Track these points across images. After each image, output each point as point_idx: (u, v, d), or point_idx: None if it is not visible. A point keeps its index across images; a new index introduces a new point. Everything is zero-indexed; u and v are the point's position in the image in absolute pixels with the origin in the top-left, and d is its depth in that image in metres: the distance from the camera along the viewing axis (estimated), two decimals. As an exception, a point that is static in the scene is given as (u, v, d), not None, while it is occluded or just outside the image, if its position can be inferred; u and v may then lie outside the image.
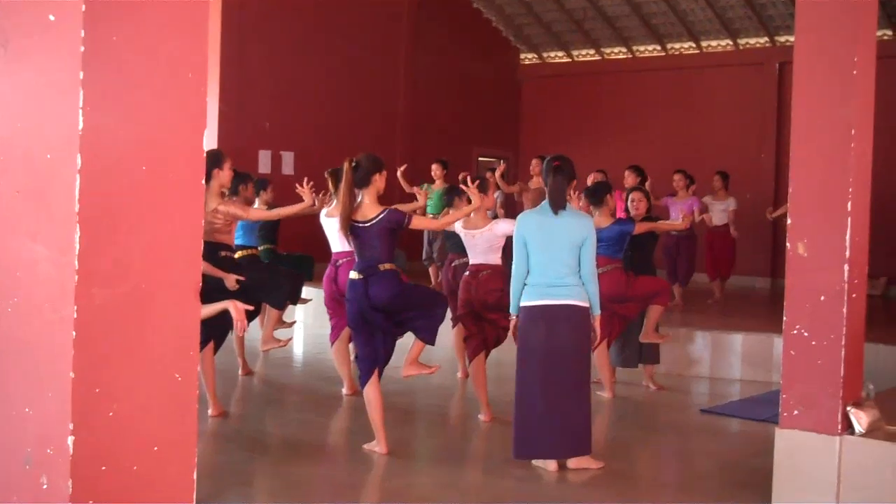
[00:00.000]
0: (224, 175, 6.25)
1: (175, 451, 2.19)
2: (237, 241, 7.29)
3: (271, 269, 7.35)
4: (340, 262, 6.86)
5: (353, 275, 5.47)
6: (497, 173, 10.54)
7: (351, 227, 5.39)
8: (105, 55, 2.05)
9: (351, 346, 6.98)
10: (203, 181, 2.30)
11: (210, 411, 6.47)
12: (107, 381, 2.05)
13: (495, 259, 6.45)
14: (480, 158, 16.18)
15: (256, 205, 8.15)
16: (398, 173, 10.28)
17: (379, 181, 5.46)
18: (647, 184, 10.22)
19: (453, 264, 7.68)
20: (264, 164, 12.60)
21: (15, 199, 2.16)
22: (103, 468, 2.04)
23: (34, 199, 2.12)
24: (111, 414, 2.06)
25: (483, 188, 6.40)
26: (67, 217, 2.01)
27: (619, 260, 7.16)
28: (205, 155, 2.33)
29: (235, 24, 12.36)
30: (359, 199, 5.42)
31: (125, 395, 2.09)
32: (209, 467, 5.28)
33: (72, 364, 1.98)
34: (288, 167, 12.85)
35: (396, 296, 5.41)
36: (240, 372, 8.04)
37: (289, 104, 13.01)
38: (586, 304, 5.27)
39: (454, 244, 7.58)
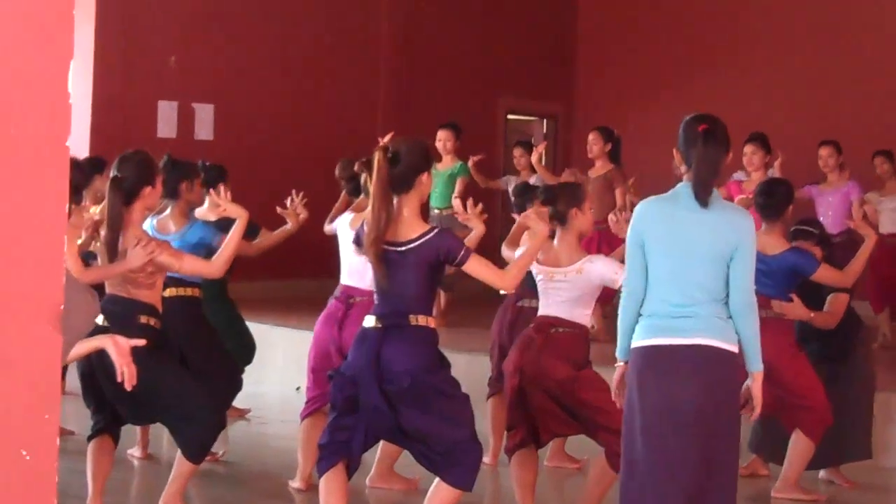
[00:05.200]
0: (155, 196, 6.58)
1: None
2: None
3: (208, 350, 7.61)
4: (356, 300, 7.09)
5: (369, 321, 5.77)
6: (534, 156, 10.81)
7: (382, 253, 5.67)
8: None
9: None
10: (68, 168, 2.34)
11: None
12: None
13: (581, 315, 6.52)
14: (510, 116, 16.14)
15: (206, 205, 8.31)
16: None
17: (426, 183, 5.81)
18: (777, 163, 10.26)
19: (519, 304, 7.79)
20: (166, 122, 12.71)
21: None
22: None
23: None
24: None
25: (575, 197, 6.53)
26: None
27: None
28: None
29: None
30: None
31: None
32: None
33: None
34: (204, 129, 13.00)
35: (423, 373, 5.62)
36: (136, 454, 8.21)
37: (208, 31, 13.09)
38: (732, 348, 5.27)
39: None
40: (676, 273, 5.27)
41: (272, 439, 8.99)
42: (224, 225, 8.10)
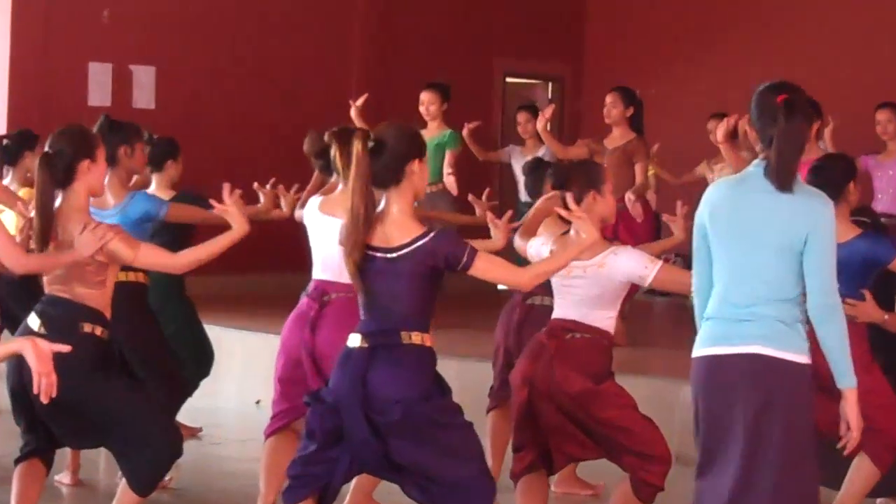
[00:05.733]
0: (97, 171, 6.53)
1: None
2: None
3: (152, 348, 7.94)
4: (331, 297, 7.03)
5: (354, 340, 5.71)
6: (540, 122, 10.90)
7: (364, 260, 5.67)
8: None
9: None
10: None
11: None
12: None
13: (602, 319, 6.53)
14: (509, 79, 16.30)
15: (154, 186, 8.59)
16: (352, 111, 10.75)
17: (419, 173, 5.76)
18: (828, 130, 10.37)
19: (529, 302, 7.82)
20: (98, 87, 12.77)
21: None
22: None
23: None
24: None
25: (593, 178, 6.53)
26: None
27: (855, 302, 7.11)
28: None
29: None
30: (380, 208, 5.72)
31: None
32: None
33: None
34: (144, 95, 13.01)
35: (417, 403, 5.59)
36: (65, 480, 8.28)
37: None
38: (798, 358, 5.23)
39: None
40: (738, 266, 5.30)
41: (228, 462, 9.05)
42: (181, 196, 8.32)
